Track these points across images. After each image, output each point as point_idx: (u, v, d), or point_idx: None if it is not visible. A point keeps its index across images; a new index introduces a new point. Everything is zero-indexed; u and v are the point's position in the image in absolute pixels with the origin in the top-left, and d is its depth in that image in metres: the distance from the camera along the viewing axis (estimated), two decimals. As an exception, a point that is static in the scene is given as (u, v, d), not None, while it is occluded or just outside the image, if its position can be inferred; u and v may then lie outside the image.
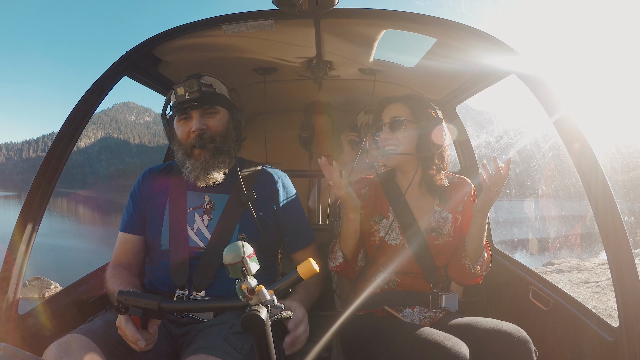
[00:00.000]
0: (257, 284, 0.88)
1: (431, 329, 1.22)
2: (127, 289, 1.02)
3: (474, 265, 1.40)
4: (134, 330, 1.05)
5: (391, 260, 1.42)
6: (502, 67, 1.53)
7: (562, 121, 1.22)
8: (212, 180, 1.37)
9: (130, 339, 1.06)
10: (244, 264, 0.88)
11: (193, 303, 1.17)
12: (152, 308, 0.98)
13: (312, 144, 2.96)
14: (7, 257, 1.21)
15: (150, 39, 1.49)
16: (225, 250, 0.91)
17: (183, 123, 1.39)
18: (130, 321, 1.05)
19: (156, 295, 1.01)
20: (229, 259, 0.89)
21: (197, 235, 1.38)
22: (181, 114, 1.38)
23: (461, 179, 1.52)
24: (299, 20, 1.44)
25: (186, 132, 1.38)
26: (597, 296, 4.80)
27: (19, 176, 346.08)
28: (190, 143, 1.37)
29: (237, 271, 0.89)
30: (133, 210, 1.45)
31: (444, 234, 1.45)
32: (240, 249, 0.89)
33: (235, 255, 0.89)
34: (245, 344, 1.15)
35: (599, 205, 1.14)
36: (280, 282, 0.93)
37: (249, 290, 0.87)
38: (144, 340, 1.05)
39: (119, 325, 1.07)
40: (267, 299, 0.87)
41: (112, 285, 1.32)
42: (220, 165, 1.38)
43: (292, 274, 0.92)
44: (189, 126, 1.37)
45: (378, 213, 1.47)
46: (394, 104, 1.47)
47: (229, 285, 1.33)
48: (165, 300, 0.99)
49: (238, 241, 0.91)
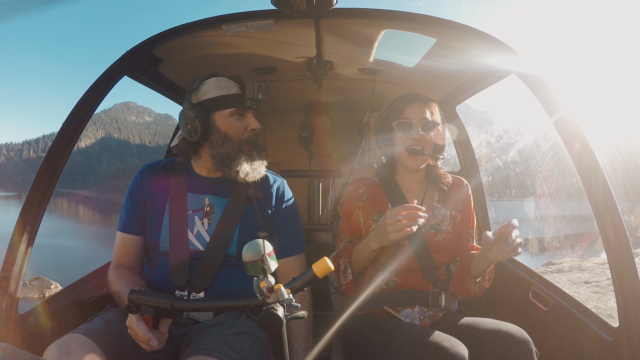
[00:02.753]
0: (275, 282, 0.88)
1: (430, 329, 1.22)
2: (137, 289, 1.01)
3: (479, 289, 1.41)
4: (146, 330, 1.03)
5: (390, 258, 1.42)
6: (502, 67, 1.53)
7: (562, 121, 1.22)
8: (259, 176, 1.41)
9: (143, 339, 1.04)
10: (264, 261, 0.87)
11: (207, 302, 1.16)
12: (165, 307, 0.97)
13: (312, 144, 2.96)
14: (7, 257, 1.21)
15: (150, 38, 1.49)
16: (245, 248, 0.89)
17: (238, 119, 1.40)
18: (142, 320, 1.04)
19: (169, 294, 1.00)
20: (248, 256, 0.88)
21: (197, 239, 1.37)
22: (240, 109, 1.40)
23: (458, 179, 1.54)
24: (299, 20, 1.44)
25: (242, 129, 1.40)
26: (597, 296, 4.79)
27: (19, 176, 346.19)
28: (243, 139, 1.39)
29: (256, 269, 0.87)
30: (132, 210, 1.43)
31: (443, 231, 1.46)
32: (260, 246, 0.87)
33: (255, 253, 0.87)
34: (244, 345, 1.15)
35: (599, 205, 1.14)
36: (296, 280, 0.93)
37: (268, 289, 0.86)
38: (157, 340, 1.04)
39: (129, 325, 1.05)
40: (285, 297, 0.87)
41: (117, 286, 1.30)
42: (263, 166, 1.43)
43: (307, 272, 0.92)
44: (244, 123, 1.40)
45: (376, 212, 1.47)
46: (421, 104, 1.44)
47: (227, 287, 1.34)
48: (178, 299, 0.99)
49: (259, 239, 0.90)
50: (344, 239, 1.52)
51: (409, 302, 1.42)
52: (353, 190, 1.51)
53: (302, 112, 2.88)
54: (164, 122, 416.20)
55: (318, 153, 3.04)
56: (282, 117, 2.99)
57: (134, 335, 1.06)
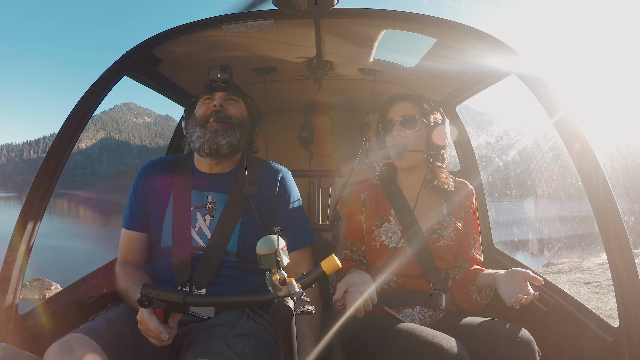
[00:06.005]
0: (287, 276, 0.91)
1: (430, 329, 1.22)
2: (150, 283, 1.04)
3: (482, 299, 1.41)
4: (157, 323, 1.06)
5: (392, 263, 1.41)
6: (502, 68, 1.52)
7: (563, 121, 1.22)
8: (217, 150, 1.37)
9: (154, 331, 1.06)
10: (277, 255, 0.91)
11: (218, 297, 1.21)
12: (177, 301, 1.01)
13: (312, 144, 2.96)
14: (7, 257, 1.21)
15: (150, 38, 1.49)
16: (260, 242, 0.92)
17: (206, 102, 1.44)
18: (154, 314, 1.07)
19: (180, 289, 1.03)
20: (263, 250, 0.91)
21: (199, 235, 1.38)
22: (207, 94, 1.44)
23: (463, 182, 1.53)
24: (299, 21, 1.44)
25: (205, 109, 1.42)
26: (597, 296, 4.79)
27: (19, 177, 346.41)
28: (206, 117, 1.41)
29: (269, 262, 0.91)
30: (136, 207, 1.44)
31: (445, 237, 1.45)
32: (274, 241, 0.91)
33: (269, 247, 0.91)
34: (245, 347, 1.15)
35: (599, 205, 1.13)
36: (306, 276, 0.96)
37: (280, 281, 0.90)
38: (167, 333, 1.07)
39: (140, 319, 1.08)
40: (296, 290, 0.90)
41: (125, 283, 1.31)
42: (230, 137, 1.39)
43: (316, 269, 0.95)
44: (210, 104, 1.42)
45: (380, 217, 1.46)
46: (404, 102, 1.45)
47: (228, 285, 1.35)
48: (190, 294, 1.02)
49: (273, 234, 0.94)
50: (347, 244, 1.51)
51: (409, 302, 1.41)
52: (355, 195, 1.50)
53: (302, 112, 2.88)
54: (164, 123, 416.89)
55: (318, 153, 3.04)
56: (282, 117, 2.99)
57: (144, 330, 1.09)
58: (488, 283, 1.34)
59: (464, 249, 1.49)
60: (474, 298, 1.40)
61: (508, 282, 1.24)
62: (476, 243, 1.51)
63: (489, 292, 1.41)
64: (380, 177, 1.54)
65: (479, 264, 1.50)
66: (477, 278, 1.39)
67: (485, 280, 1.35)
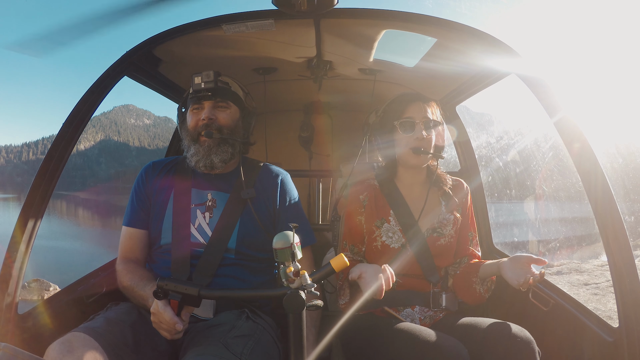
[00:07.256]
0: (300, 268, 0.96)
1: (430, 329, 1.22)
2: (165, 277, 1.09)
3: (484, 292, 1.42)
4: (172, 314, 1.10)
5: (392, 263, 1.41)
6: (502, 68, 1.53)
7: (563, 122, 1.22)
8: (212, 166, 1.39)
9: (169, 322, 1.10)
10: (292, 248, 0.95)
11: (232, 291, 1.26)
12: (192, 294, 1.06)
13: (312, 144, 2.96)
14: (6, 257, 1.21)
15: (150, 39, 1.49)
16: (276, 237, 0.97)
17: (195, 112, 1.43)
18: (169, 306, 1.10)
19: (195, 282, 1.09)
20: (279, 244, 0.96)
21: (199, 232, 1.39)
22: (194, 104, 1.42)
23: (459, 181, 1.54)
24: (299, 20, 1.44)
25: (195, 121, 1.42)
26: (596, 298, 4.80)
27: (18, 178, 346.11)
28: (197, 130, 1.41)
29: (285, 255, 0.95)
30: (137, 205, 1.46)
31: (445, 235, 1.45)
32: (290, 236, 0.96)
33: (285, 241, 0.96)
34: (244, 349, 1.16)
35: (599, 205, 1.14)
36: (317, 272, 1.02)
37: (294, 273, 0.95)
38: (182, 324, 1.10)
39: (155, 310, 1.11)
40: (307, 283, 0.95)
41: (130, 280, 1.32)
42: (223, 154, 1.40)
43: (326, 266, 1.01)
44: (199, 115, 1.41)
45: (379, 217, 1.46)
46: (424, 103, 1.42)
47: (227, 283, 1.35)
48: (205, 287, 1.07)
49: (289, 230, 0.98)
50: (346, 246, 1.51)
51: (409, 302, 1.41)
52: (353, 196, 1.50)
53: (302, 112, 2.88)
54: (163, 124, 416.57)
55: (318, 153, 3.04)
56: (282, 117, 2.99)
57: (156, 323, 1.12)
58: (492, 272, 1.36)
59: (462, 245, 1.50)
60: (477, 290, 1.40)
61: (513, 267, 1.26)
62: (474, 239, 1.52)
63: (490, 284, 1.42)
64: (378, 178, 1.53)
65: (477, 259, 1.50)
66: (480, 269, 1.39)
67: (489, 269, 1.37)
